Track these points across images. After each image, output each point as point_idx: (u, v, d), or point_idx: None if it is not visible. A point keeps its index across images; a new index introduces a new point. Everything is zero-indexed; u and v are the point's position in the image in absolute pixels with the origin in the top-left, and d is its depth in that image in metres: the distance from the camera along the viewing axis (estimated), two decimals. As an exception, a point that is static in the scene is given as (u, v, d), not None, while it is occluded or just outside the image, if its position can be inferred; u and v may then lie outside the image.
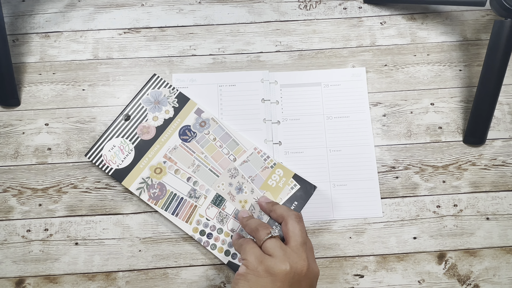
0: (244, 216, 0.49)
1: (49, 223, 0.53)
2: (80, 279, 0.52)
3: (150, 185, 0.53)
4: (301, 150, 0.55)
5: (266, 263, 0.40)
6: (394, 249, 0.53)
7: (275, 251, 0.41)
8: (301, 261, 0.41)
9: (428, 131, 0.56)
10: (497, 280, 0.52)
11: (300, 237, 0.42)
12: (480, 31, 0.59)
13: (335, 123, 0.56)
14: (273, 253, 0.41)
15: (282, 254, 0.41)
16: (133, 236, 0.53)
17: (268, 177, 0.53)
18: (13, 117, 0.57)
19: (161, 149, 0.54)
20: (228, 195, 0.53)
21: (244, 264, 0.42)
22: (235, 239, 0.48)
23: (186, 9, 0.60)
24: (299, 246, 0.42)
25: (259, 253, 0.42)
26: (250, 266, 0.41)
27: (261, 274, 0.40)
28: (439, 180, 0.55)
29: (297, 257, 0.41)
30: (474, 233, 0.53)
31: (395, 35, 0.59)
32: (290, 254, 0.41)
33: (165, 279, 0.52)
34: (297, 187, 0.52)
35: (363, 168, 0.55)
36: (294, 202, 0.52)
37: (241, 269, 0.42)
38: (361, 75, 0.57)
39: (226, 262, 0.51)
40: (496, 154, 0.56)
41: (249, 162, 0.54)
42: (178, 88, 0.57)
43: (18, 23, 0.60)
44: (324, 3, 0.60)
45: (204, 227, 0.52)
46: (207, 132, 0.55)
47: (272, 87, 0.57)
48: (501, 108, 0.57)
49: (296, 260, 0.41)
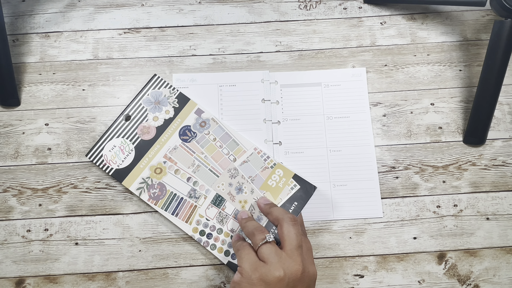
0: (243, 217, 0.49)
1: (49, 223, 0.53)
2: (80, 279, 0.52)
3: (150, 185, 0.53)
4: (301, 150, 0.55)
5: (260, 271, 0.41)
6: (394, 249, 0.53)
7: (270, 257, 0.41)
8: (296, 265, 0.41)
9: (428, 131, 0.56)
10: (497, 280, 0.52)
11: (295, 240, 0.42)
12: (480, 31, 0.59)
13: (335, 123, 0.56)
14: (268, 260, 0.41)
15: (277, 261, 0.41)
16: (133, 236, 0.53)
17: (268, 177, 0.53)
18: (13, 117, 0.57)
19: (161, 149, 0.54)
20: (228, 195, 0.53)
21: (239, 271, 0.42)
22: (234, 241, 0.48)
23: (186, 9, 0.60)
24: (294, 250, 0.42)
25: (254, 260, 0.42)
26: (244, 274, 0.41)
27: (255, 283, 0.40)
28: (439, 180, 0.55)
29: (292, 261, 0.41)
30: (474, 233, 0.53)
31: (395, 35, 0.59)
32: (285, 260, 0.41)
33: (165, 279, 0.52)
34: (297, 188, 0.52)
35: (363, 168, 0.55)
36: (294, 202, 0.52)
37: (236, 277, 0.42)
38: (361, 75, 0.57)
39: (225, 262, 0.51)
40: (496, 154, 0.56)
41: (249, 162, 0.54)
42: (179, 88, 0.57)
43: (18, 23, 0.60)
44: (324, 3, 0.60)
45: (204, 227, 0.52)
46: (207, 132, 0.55)
47: (272, 87, 0.57)
48: (501, 108, 0.57)
49: (291, 265, 0.41)
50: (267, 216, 0.48)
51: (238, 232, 0.51)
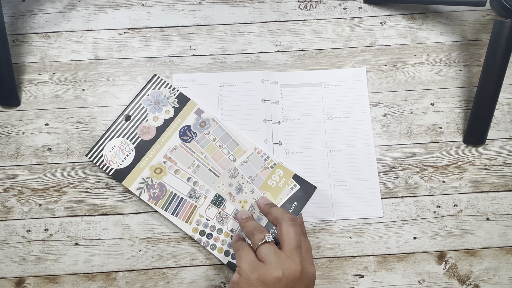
0: (243, 217, 0.49)
1: (49, 223, 0.53)
2: (80, 279, 0.52)
3: (150, 185, 0.53)
4: (302, 150, 0.55)
5: (259, 271, 0.41)
6: (394, 249, 0.53)
7: (268, 258, 0.41)
8: (294, 265, 0.41)
9: (428, 131, 0.56)
10: (497, 280, 0.52)
11: (294, 240, 0.42)
12: (480, 31, 0.59)
13: (336, 123, 0.56)
14: (266, 260, 0.41)
15: (275, 261, 0.41)
16: (133, 236, 0.53)
17: (268, 177, 0.53)
18: (13, 117, 0.57)
19: (161, 149, 0.54)
20: (228, 195, 0.53)
21: (237, 271, 0.42)
22: (234, 241, 0.48)
23: (186, 9, 0.60)
24: (292, 250, 0.42)
25: (253, 260, 0.42)
26: (243, 274, 0.41)
27: (253, 283, 0.41)
28: (439, 180, 0.55)
29: (291, 261, 0.41)
30: (474, 233, 0.53)
31: (395, 35, 0.59)
32: (284, 260, 0.41)
33: (165, 279, 0.52)
34: (297, 188, 0.52)
35: (363, 168, 0.55)
36: (294, 202, 0.52)
37: (234, 277, 0.42)
38: (361, 75, 0.57)
39: (225, 262, 0.51)
40: (496, 154, 0.56)
41: (249, 163, 0.54)
42: (179, 88, 0.57)
43: (18, 23, 0.60)
44: (324, 3, 0.60)
45: (204, 227, 0.52)
46: (207, 132, 0.55)
47: (272, 87, 0.57)
48: (501, 108, 0.57)
49: (289, 265, 0.41)
50: (267, 216, 0.48)
51: (238, 232, 0.51)
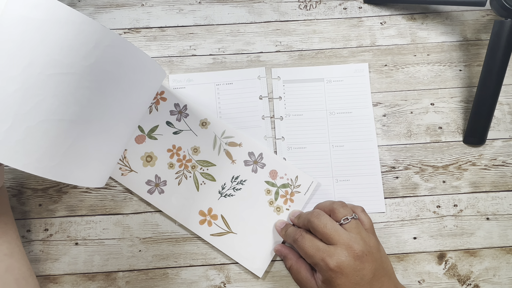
0: (293, 217, 0.52)
1: (49, 223, 0.53)
2: (80, 279, 0.52)
3: (150, 185, 0.53)
4: (304, 146, 0.55)
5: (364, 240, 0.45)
6: (394, 249, 0.53)
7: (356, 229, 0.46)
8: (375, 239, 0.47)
9: (428, 131, 0.56)
10: (497, 280, 0.52)
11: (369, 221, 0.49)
12: (480, 31, 0.59)
13: (338, 118, 0.56)
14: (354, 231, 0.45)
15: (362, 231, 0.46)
16: (133, 236, 0.53)
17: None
18: None
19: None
20: None
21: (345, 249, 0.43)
22: (281, 227, 0.51)
23: (186, 9, 0.60)
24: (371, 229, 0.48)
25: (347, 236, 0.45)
26: (356, 247, 0.44)
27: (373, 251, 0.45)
28: (439, 180, 0.55)
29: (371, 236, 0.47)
30: (474, 233, 0.53)
31: (395, 35, 0.59)
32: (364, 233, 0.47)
33: (165, 279, 0.52)
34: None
35: (365, 163, 0.55)
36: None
37: (343, 257, 0.43)
38: (363, 70, 0.57)
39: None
40: (496, 154, 0.56)
41: None
42: (176, 88, 0.57)
43: (18, 23, 0.60)
44: (324, 3, 0.60)
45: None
46: None
47: (274, 83, 0.57)
48: (501, 108, 0.57)
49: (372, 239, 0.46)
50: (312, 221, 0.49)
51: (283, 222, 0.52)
